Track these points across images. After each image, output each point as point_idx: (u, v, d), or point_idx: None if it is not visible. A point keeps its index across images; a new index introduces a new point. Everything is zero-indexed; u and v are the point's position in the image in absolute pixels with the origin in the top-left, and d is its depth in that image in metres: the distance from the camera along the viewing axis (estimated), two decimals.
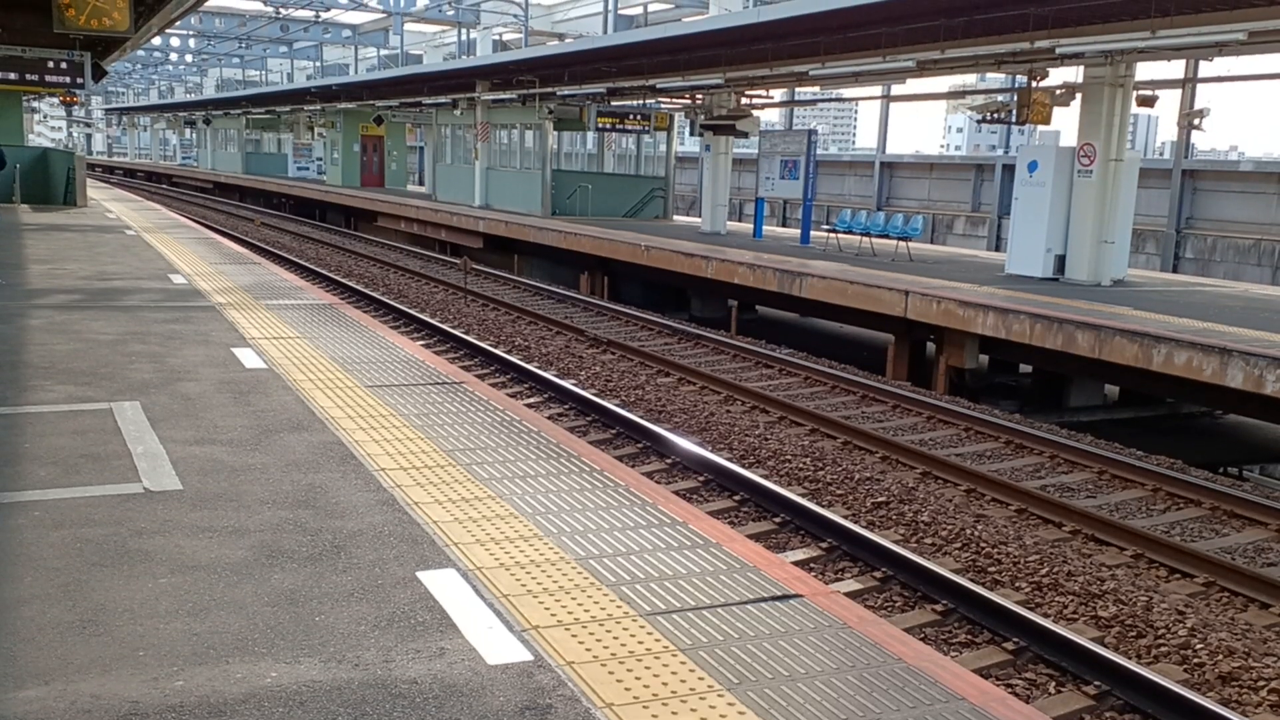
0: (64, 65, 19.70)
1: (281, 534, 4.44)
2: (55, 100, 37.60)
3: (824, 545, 7.08)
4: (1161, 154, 69.60)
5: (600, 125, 27.18)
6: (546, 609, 3.81)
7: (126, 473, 5.16)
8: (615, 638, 3.61)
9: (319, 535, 4.45)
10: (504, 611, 3.77)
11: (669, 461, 8.90)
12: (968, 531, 7.38)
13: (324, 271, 20.70)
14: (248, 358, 8.06)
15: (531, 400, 11.02)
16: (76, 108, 55.79)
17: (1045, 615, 6.12)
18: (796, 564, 6.56)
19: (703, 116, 24.29)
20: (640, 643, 3.58)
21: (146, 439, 5.74)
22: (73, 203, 25.01)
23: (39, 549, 4.17)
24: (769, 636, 3.68)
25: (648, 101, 26.75)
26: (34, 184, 24.81)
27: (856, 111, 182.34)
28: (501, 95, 28.81)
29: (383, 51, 55.51)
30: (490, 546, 4.39)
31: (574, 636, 3.60)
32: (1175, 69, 18.83)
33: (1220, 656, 5.67)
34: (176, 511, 4.67)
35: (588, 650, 3.51)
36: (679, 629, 3.70)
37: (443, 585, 3.97)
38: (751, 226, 24.93)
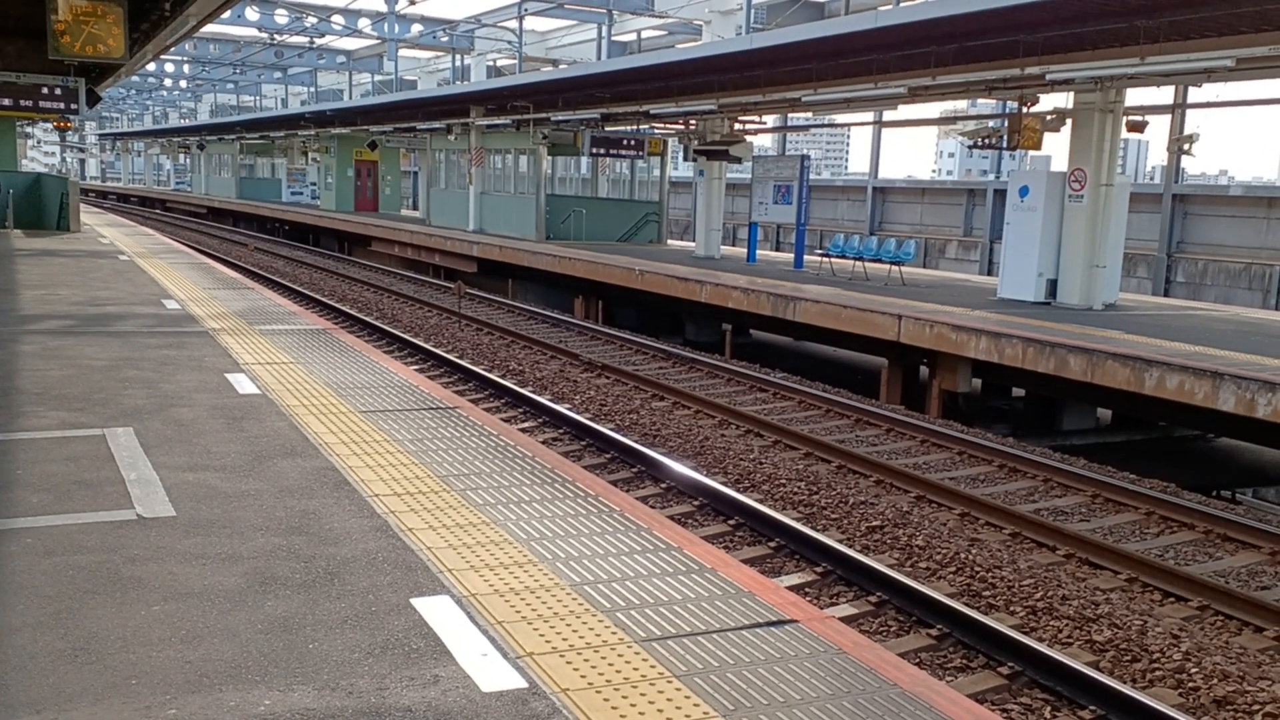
0: (58, 91, 19.75)
1: (275, 561, 4.43)
2: (49, 125, 37.68)
3: (819, 570, 7.07)
4: (1152, 178, 70.07)
5: (594, 150, 27.28)
6: (541, 635, 3.80)
7: (119, 499, 5.15)
8: (610, 664, 3.60)
9: (312, 562, 4.44)
10: (498, 638, 3.76)
11: (664, 486, 8.90)
12: (962, 555, 7.38)
13: (318, 296, 20.70)
14: (241, 383, 8.05)
15: (526, 425, 11.02)
16: (70, 133, 55.91)
17: (1040, 640, 6.12)
18: (791, 589, 6.55)
19: (696, 142, 24.40)
20: (635, 669, 3.58)
21: (140, 465, 5.73)
22: (66, 228, 25.00)
23: (31, 576, 4.15)
24: (764, 662, 3.67)
25: (641, 127, 26.87)
26: (27, 209, 24.82)
27: (849, 137, 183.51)
28: (496, 120, 28.93)
29: (377, 77, 55.73)
30: (484, 573, 4.39)
31: (569, 663, 3.59)
32: (1165, 95, 19.01)
33: (1215, 680, 5.67)
34: (169, 538, 4.65)
35: (583, 677, 3.50)
36: (674, 655, 3.70)
37: (437, 612, 3.96)
38: (745, 251, 24.99)
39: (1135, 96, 18.50)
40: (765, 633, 3.92)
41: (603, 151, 27.39)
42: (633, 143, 27.50)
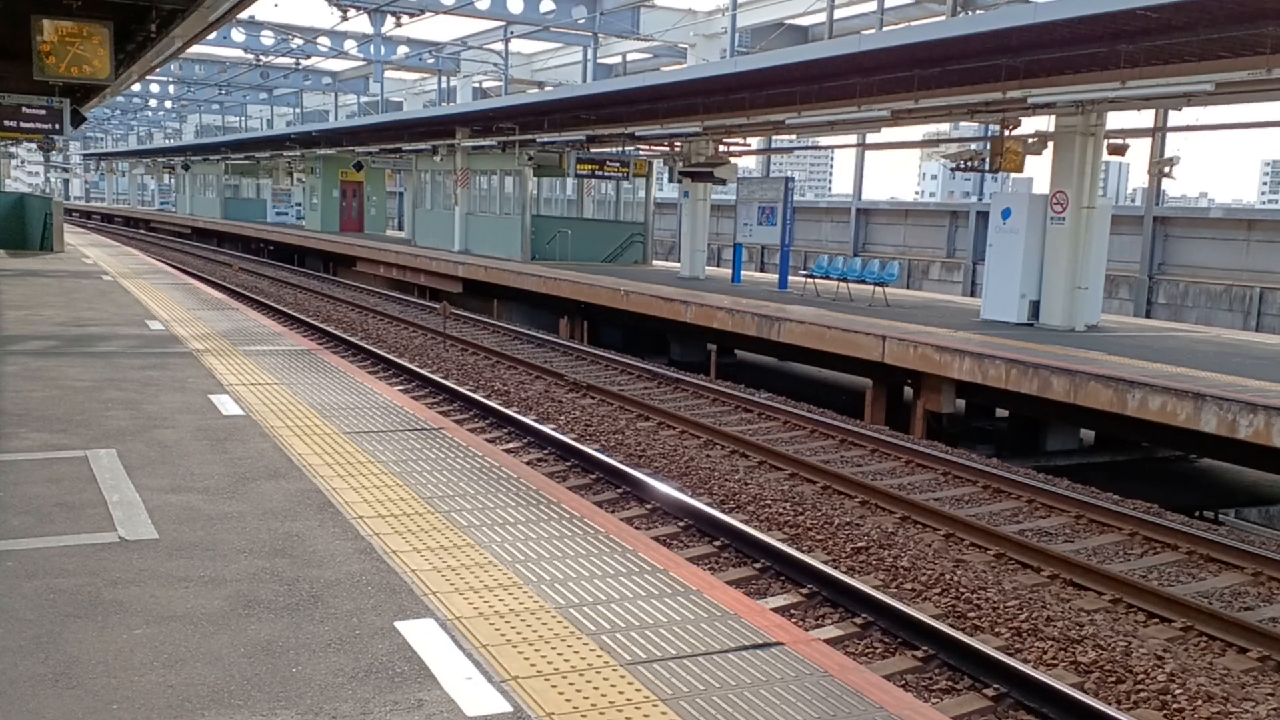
0: (42, 111, 19.68)
1: (258, 583, 4.41)
2: (33, 145, 37.51)
3: (804, 591, 7.07)
4: (1133, 201, 70.68)
5: (579, 172, 27.37)
6: (526, 659, 3.79)
7: (102, 521, 5.12)
8: (595, 688, 3.59)
9: (296, 585, 4.41)
10: (483, 662, 3.74)
11: (649, 507, 8.88)
12: (947, 576, 7.39)
13: (302, 317, 20.65)
14: (225, 404, 8.02)
15: (510, 445, 10.99)
16: (54, 153, 55.68)
17: (1025, 661, 6.12)
18: (777, 610, 6.54)
19: (681, 163, 24.49)
20: (621, 693, 3.56)
21: (122, 487, 5.69)
22: (50, 248, 24.91)
23: (11, 600, 4.12)
24: (750, 685, 3.67)
25: (627, 148, 26.98)
26: (11, 229, 24.74)
27: (832, 158, 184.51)
28: (481, 142, 29.00)
29: (363, 98, 55.79)
30: (469, 595, 4.37)
31: (554, 687, 3.58)
32: (1145, 118, 19.18)
33: (1200, 702, 5.68)
34: (152, 561, 4.62)
35: (568, 701, 3.48)
36: (660, 678, 3.69)
37: (421, 635, 3.95)
38: (730, 271, 25.08)
39: (1116, 120, 18.64)
40: (751, 655, 3.92)
41: (588, 173, 27.48)
42: (618, 164, 27.60)
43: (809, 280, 21.75)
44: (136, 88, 55.11)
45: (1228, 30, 11.92)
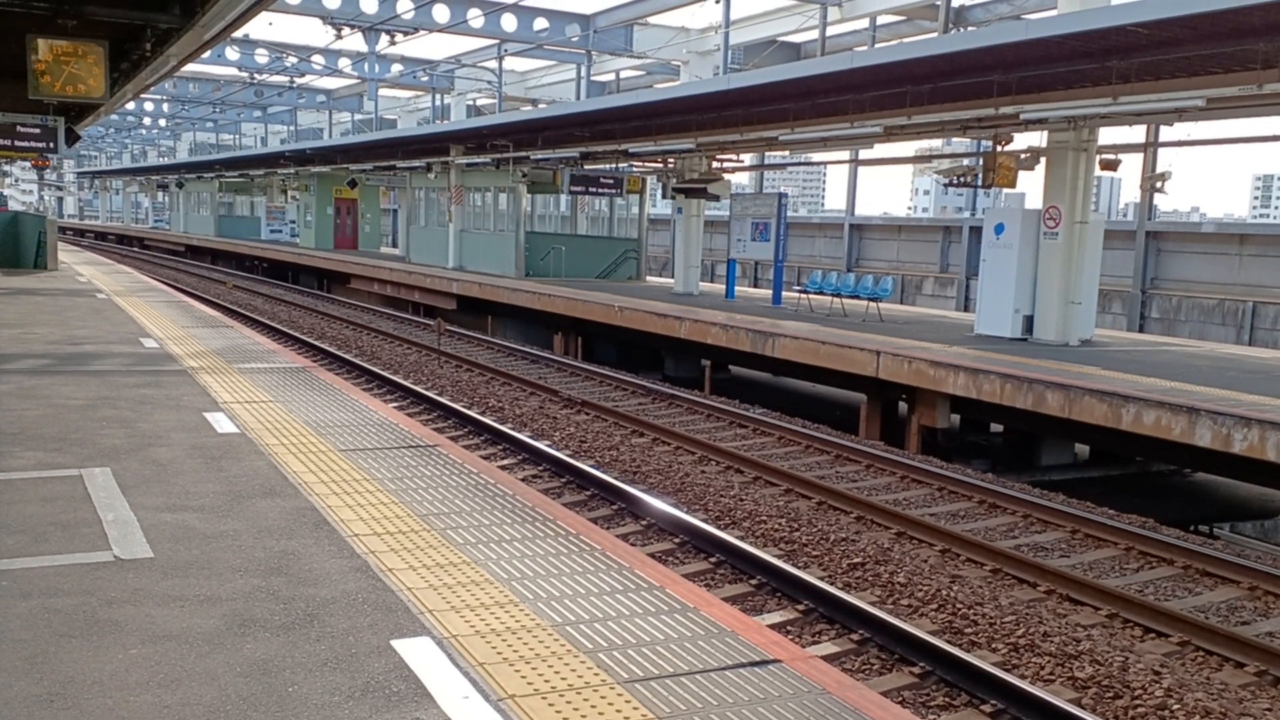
0: (37, 130, 19.68)
1: (254, 602, 4.39)
2: (26, 164, 37.53)
3: (801, 607, 7.06)
4: (1125, 215, 70.96)
5: (573, 188, 27.43)
6: (523, 677, 3.78)
7: (96, 540, 5.10)
8: (593, 706, 3.58)
9: (292, 603, 4.40)
10: (480, 680, 3.73)
11: (644, 523, 8.87)
12: (944, 592, 7.38)
13: (297, 334, 20.63)
14: (220, 422, 8.00)
15: (506, 462, 10.98)
16: (48, 171, 55.73)
17: (1022, 677, 6.11)
18: (773, 627, 6.53)
19: (675, 180, 24.55)
20: (619, 711, 3.55)
21: (117, 506, 5.68)
22: (43, 266, 24.89)
23: (5, 620, 4.10)
24: (748, 703, 3.66)
25: (620, 165, 27.05)
26: (4, 247, 24.72)
27: (825, 174, 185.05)
28: (475, 159, 29.06)
29: (357, 116, 55.94)
30: (466, 613, 4.36)
31: (551, 705, 3.57)
32: (1137, 133, 19.24)
33: (1197, 717, 5.67)
34: (147, 580, 4.60)
35: None
36: (657, 696, 3.68)
37: (418, 654, 3.93)
38: (724, 287, 25.12)
39: (1108, 135, 18.69)
40: (748, 673, 3.91)
41: (582, 189, 27.55)
42: (612, 181, 27.67)
43: (803, 296, 21.79)
44: (131, 106, 55.19)
45: (1218, 46, 12.01)
